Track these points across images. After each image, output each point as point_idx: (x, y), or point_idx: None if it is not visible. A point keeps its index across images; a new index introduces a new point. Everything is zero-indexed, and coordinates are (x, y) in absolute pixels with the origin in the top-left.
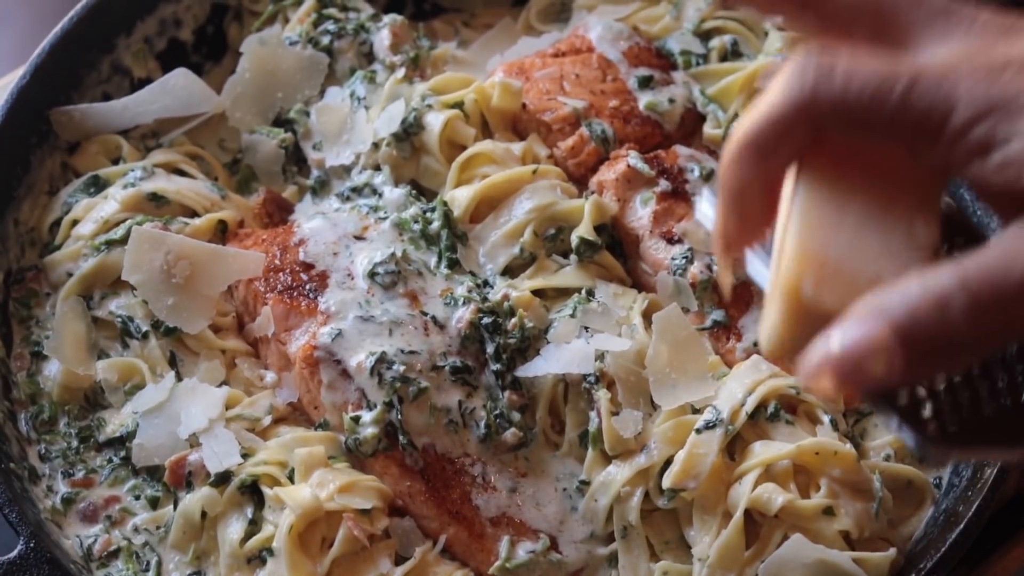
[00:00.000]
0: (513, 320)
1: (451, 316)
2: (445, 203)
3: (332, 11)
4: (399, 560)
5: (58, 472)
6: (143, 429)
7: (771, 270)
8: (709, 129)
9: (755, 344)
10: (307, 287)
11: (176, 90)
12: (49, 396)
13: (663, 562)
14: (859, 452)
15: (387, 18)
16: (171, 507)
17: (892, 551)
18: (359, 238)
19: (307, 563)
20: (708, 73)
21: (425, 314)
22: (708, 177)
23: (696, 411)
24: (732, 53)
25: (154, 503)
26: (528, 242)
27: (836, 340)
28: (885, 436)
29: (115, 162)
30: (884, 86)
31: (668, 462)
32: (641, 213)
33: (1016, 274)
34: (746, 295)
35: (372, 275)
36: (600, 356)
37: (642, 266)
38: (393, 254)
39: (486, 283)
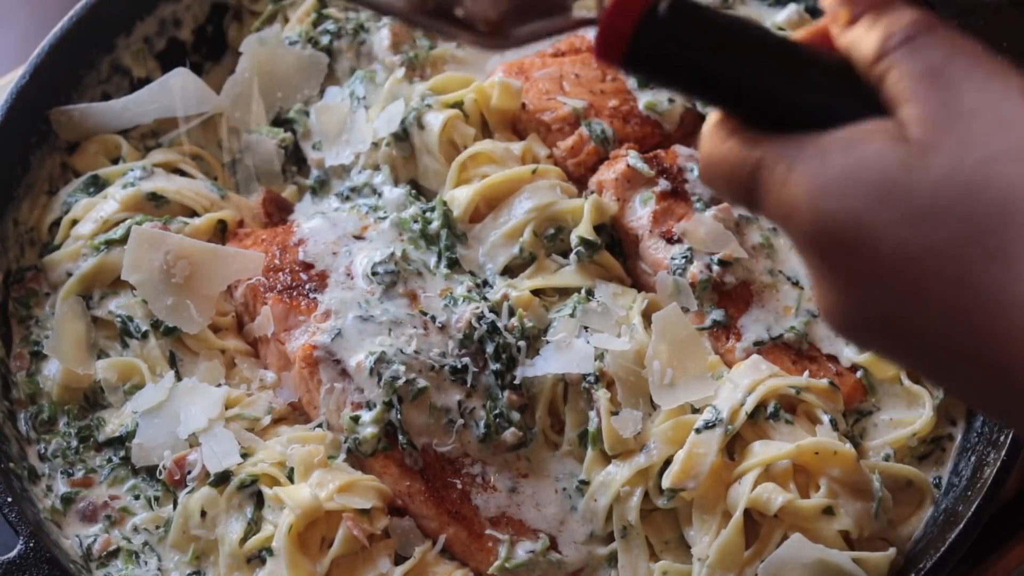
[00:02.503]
0: (513, 320)
1: (451, 316)
2: (445, 203)
3: (332, 11)
4: (399, 560)
5: (58, 472)
6: (143, 429)
7: None
8: None
9: (755, 344)
10: (307, 287)
11: (176, 90)
12: (49, 396)
13: (663, 562)
14: (859, 452)
15: (387, 18)
16: (171, 507)
17: (892, 551)
18: (359, 238)
19: (307, 563)
20: None
21: (425, 314)
22: None
23: (696, 411)
24: None
25: (153, 503)
26: (528, 242)
27: None
28: (885, 436)
29: (115, 162)
30: None
31: (668, 462)
32: (641, 213)
33: None
34: (746, 294)
35: (372, 275)
36: (600, 356)
37: (642, 266)
38: (393, 254)
39: (486, 283)
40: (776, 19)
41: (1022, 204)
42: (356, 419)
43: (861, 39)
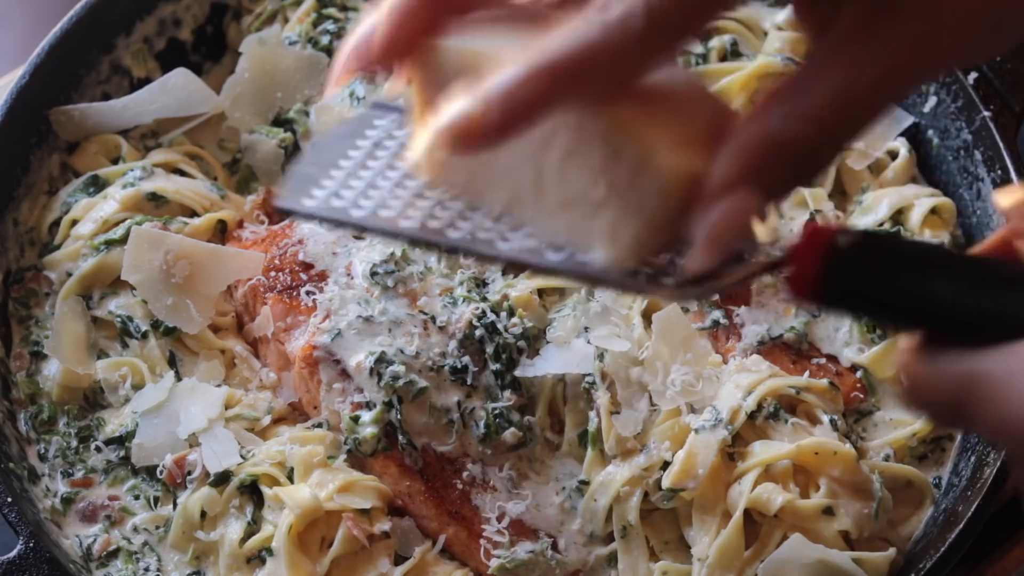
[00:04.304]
0: (512, 320)
1: (451, 316)
2: None
3: (332, 11)
4: (398, 560)
5: (57, 472)
6: (142, 429)
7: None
8: None
9: (756, 343)
10: (306, 287)
11: (176, 90)
12: (48, 396)
13: (663, 562)
14: (859, 452)
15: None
16: (171, 507)
17: (892, 551)
18: (358, 237)
19: (306, 563)
20: (708, 73)
21: (425, 314)
22: None
23: (695, 411)
24: (732, 53)
25: (153, 503)
26: None
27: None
28: (885, 436)
29: (115, 162)
30: None
31: (667, 462)
32: None
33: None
34: (744, 294)
35: (372, 275)
36: (600, 356)
37: None
38: (392, 254)
39: (485, 283)
40: (776, 19)
41: None
42: (356, 419)
43: None
